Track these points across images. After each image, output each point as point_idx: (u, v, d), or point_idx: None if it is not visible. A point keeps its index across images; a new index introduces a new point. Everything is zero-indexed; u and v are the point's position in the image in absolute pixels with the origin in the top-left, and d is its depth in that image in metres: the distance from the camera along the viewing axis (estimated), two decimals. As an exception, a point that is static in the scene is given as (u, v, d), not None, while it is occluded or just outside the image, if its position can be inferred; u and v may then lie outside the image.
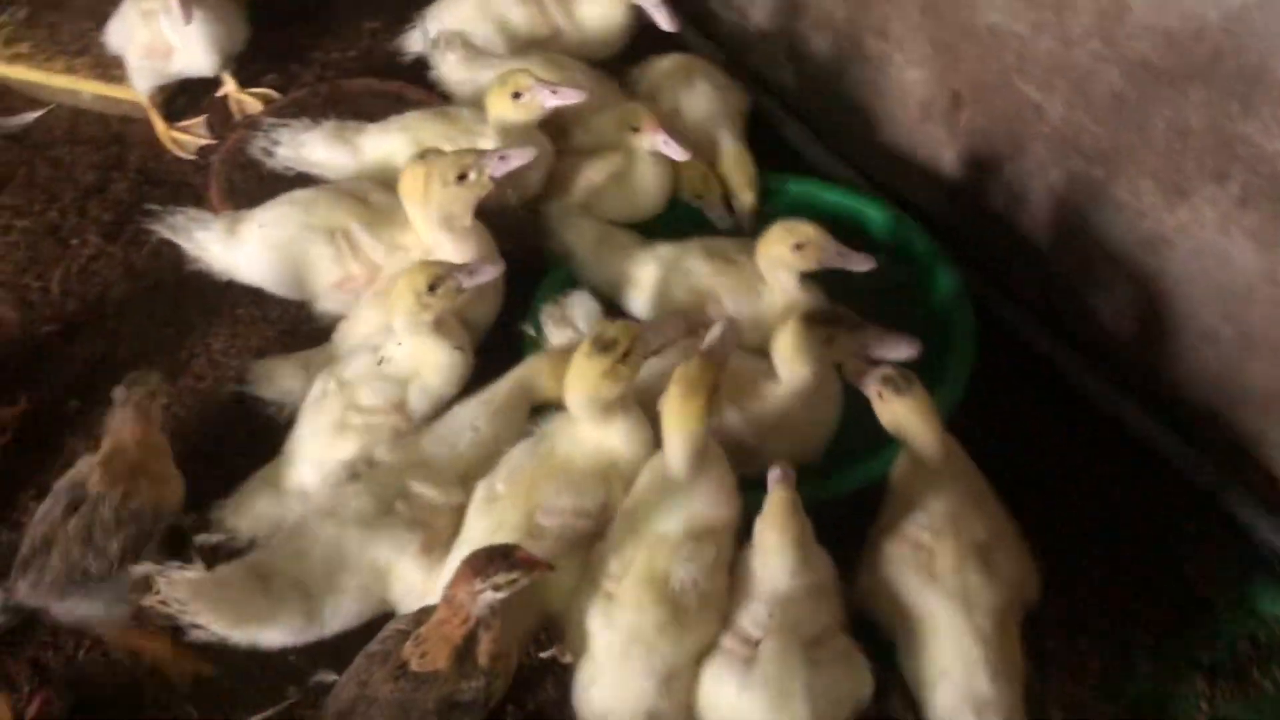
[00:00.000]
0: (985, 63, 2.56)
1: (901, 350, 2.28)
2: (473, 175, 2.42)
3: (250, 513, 2.38)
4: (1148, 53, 2.17)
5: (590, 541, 2.13)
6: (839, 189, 2.89)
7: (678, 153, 2.68)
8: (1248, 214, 2.17)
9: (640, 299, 2.67)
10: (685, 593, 1.99)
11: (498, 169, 2.44)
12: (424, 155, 2.47)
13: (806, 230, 2.44)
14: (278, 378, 2.62)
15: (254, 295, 2.88)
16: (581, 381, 2.13)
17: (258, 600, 2.06)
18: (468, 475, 2.24)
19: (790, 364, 2.30)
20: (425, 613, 1.93)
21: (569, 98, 2.64)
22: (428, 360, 2.40)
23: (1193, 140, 2.20)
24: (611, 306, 2.68)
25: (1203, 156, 2.19)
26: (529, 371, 2.37)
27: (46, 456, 2.72)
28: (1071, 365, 2.68)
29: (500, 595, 1.83)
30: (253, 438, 2.59)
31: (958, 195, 2.87)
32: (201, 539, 2.36)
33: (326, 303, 2.71)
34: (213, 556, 2.42)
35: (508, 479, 2.18)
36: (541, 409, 2.35)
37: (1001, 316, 2.78)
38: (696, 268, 2.62)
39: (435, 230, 2.47)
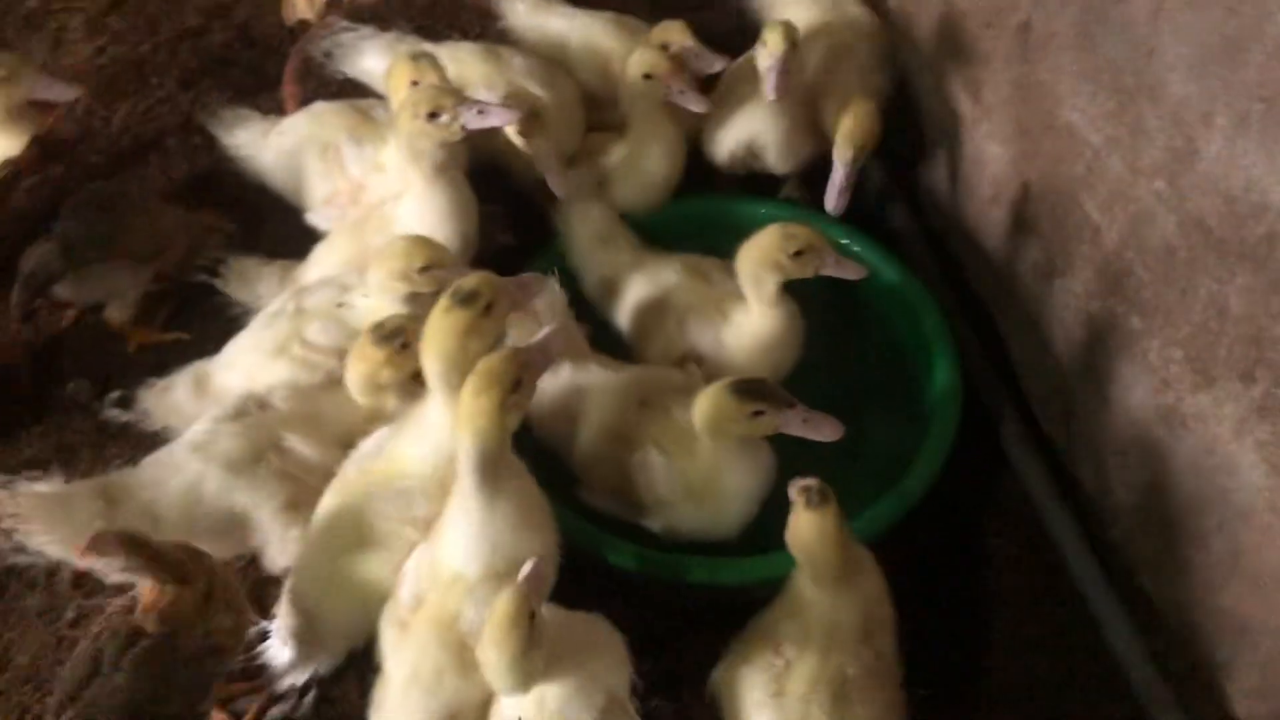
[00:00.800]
0: (1058, 163, 2.26)
1: (828, 434, 2.07)
2: (445, 118, 2.26)
3: (168, 401, 2.38)
4: (1206, 212, 1.86)
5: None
6: (866, 240, 2.64)
7: (696, 103, 2.48)
8: (1263, 426, 1.85)
9: (620, 310, 2.54)
10: (474, 638, 1.86)
11: (472, 121, 2.27)
12: (416, 58, 2.35)
13: (808, 236, 2.24)
14: (252, 280, 2.60)
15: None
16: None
17: (99, 525, 1.99)
18: (347, 441, 2.16)
19: (707, 435, 2.13)
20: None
21: (499, 119, 2.32)
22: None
23: (1229, 325, 1.88)
24: (580, 304, 2.54)
25: (1234, 347, 1.88)
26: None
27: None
28: (1051, 508, 2.40)
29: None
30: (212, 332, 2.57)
31: (1000, 287, 2.58)
32: (115, 413, 2.38)
33: (316, 218, 2.67)
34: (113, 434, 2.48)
35: (359, 463, 2.11)
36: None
37: (997, 431, 2.51)
38: (671, 282, 2.47)
39: (404, 161, 2.37)
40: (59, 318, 2.75)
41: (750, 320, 2.34)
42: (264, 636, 2.05)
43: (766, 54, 2.45)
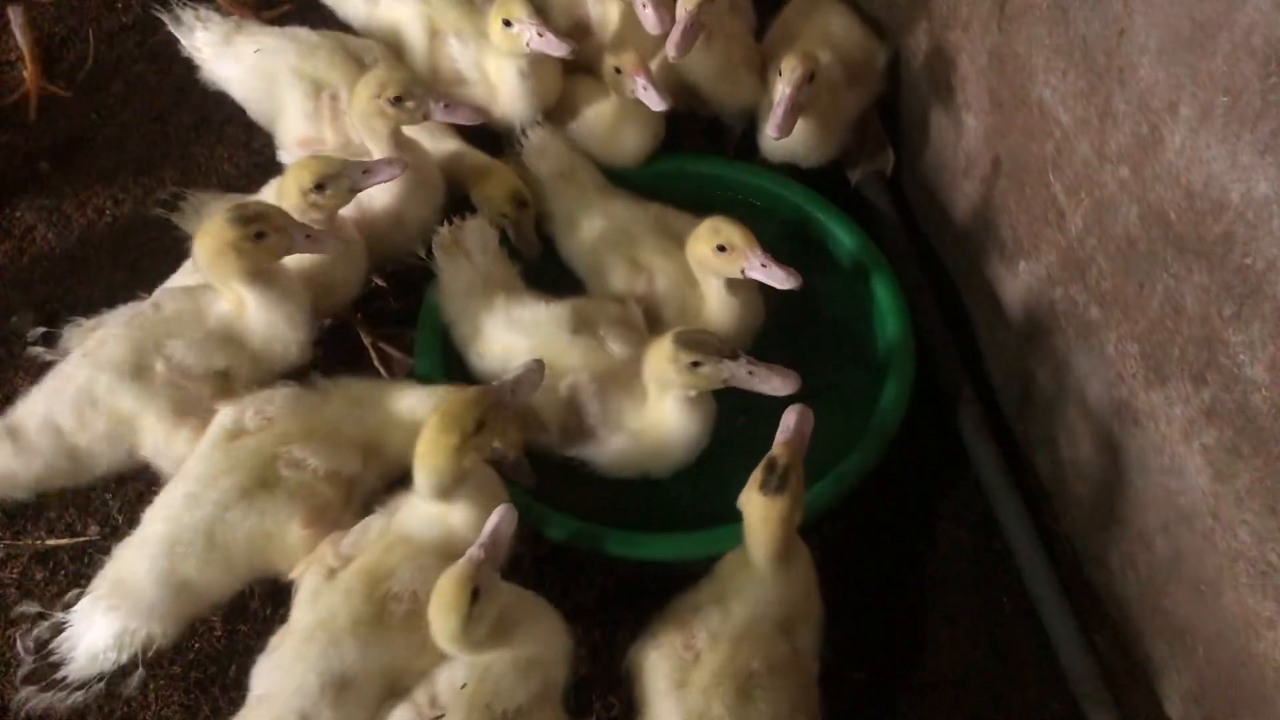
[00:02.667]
0: (1029, 140, 2.16)
1: (777, 387, 2.01)
2: (410, 104, 2.25)
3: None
4: (1166, 205, 1.77)
5: (335, 509, 2.00)
6: (821, 202, 2.57)
7: (656, 101, 2.40)
8: (1210, 431, 1.78)
9: (575, 248, 2.47)
10: (398, 601, 1.84)
11: (440, 113, 2.28)
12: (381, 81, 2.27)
13: (732, 234, 2.16)
14: (205, 215, 2.53)
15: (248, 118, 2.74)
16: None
17: (6, 449, 2.04)
18: (235, 343, 2.14)
19: (654, 385, 2.08)
20: None
21: (552, 49, 2.38)
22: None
23: (1183, 325, 1.80)
24: (548, 242, 2.51)
25: (1187, 347, 1.80)
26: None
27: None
28: (1003, 495, 2.34)
29: None
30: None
31: (967, 263, 2.50)
32: (39, 351, 2.31)
33: (286, 155, 2.59)
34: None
35: (260, 411, 2.06)
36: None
37: (954, 411, 2.44)
38: (641, 237, 2.39)
39: (362, 133, 2.31)
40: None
41: (707, 301, 2.29)
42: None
43: (780, 84, 2.38)
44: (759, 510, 1.87)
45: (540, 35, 2.36)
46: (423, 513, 1.92)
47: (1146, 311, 1.88)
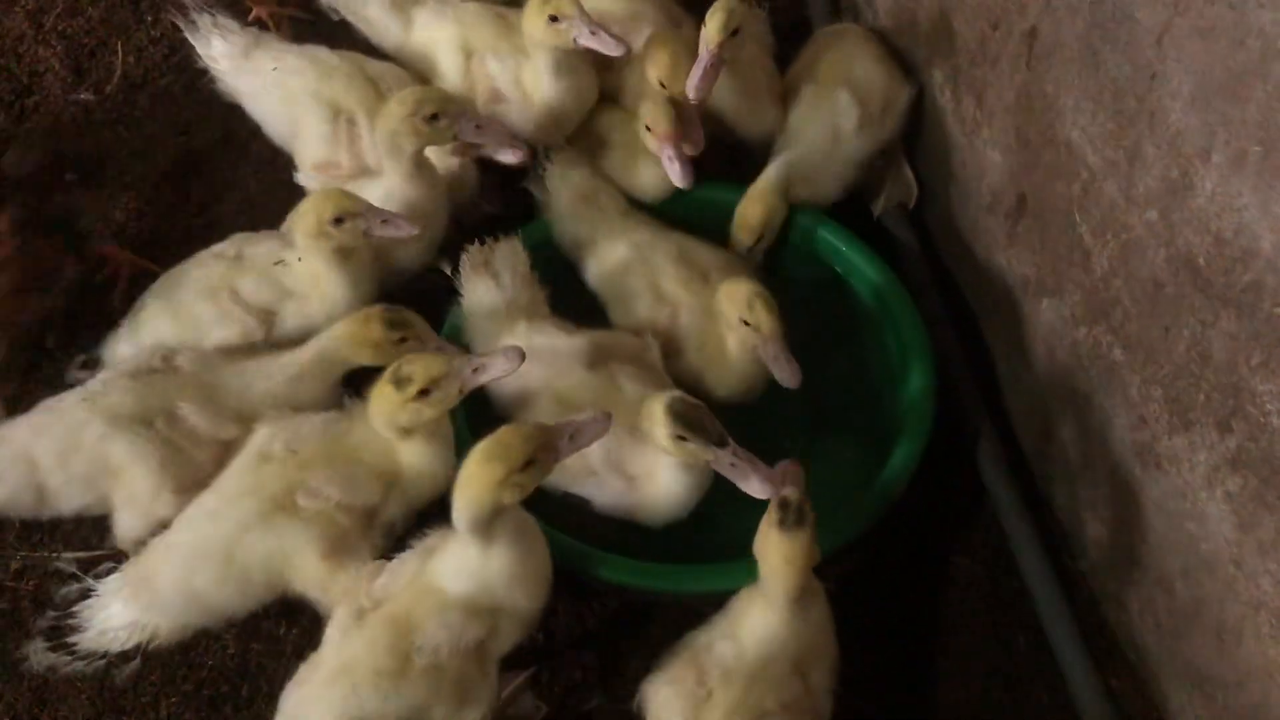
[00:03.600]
0: (1055, 179, 2.16)
1: (754, 488, 1.96)
2: (444, 123, 2.26)
3: (114, 347, 2.36)
4: (1195, 251, 1.76)
5: (353, 539, 2.00)
6: (851, 239, 2.56)
7: (679, 177, 2.42)
8: (1234, 479, 1.77)
9: (597, 275, 2.46)
10: (421, 654, 1.84)
11: (468, 133, 2.29)
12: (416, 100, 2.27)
13: (761, 317, 2.15)
14: None
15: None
16: (378, 404, 2.01)
17: None
18: (248, 419, 2.13)
19: (650, 437, 2.05)
20: None
21: (605, 47, 2.35)
22: (318, 286, 2.27)
23: (1209, 372, 1.79)
24: (570, 268, 2.50)
25: (1213, 394, 1.79)
26: (332, 341, 2.18)
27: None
28: (1020, 532, 2.33)
29: None
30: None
31: (989, 299, 2.50)
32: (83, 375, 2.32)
33: (303, 177, 2.60)
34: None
35: (289, 443, 2.06)
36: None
37: (973, 446, 2.43)
38: (664, 268, 2.38)
39: (382, 150, 2.31)
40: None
41: (730, 349, 2.27)
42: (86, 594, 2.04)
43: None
44: (781, 549, 1.84)
45: (593, 33, 2.33)
46: (458, 562, 1.89)
47: (1172, 356, 1.88)
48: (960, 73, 2.48)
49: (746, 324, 2.16)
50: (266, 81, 2.60)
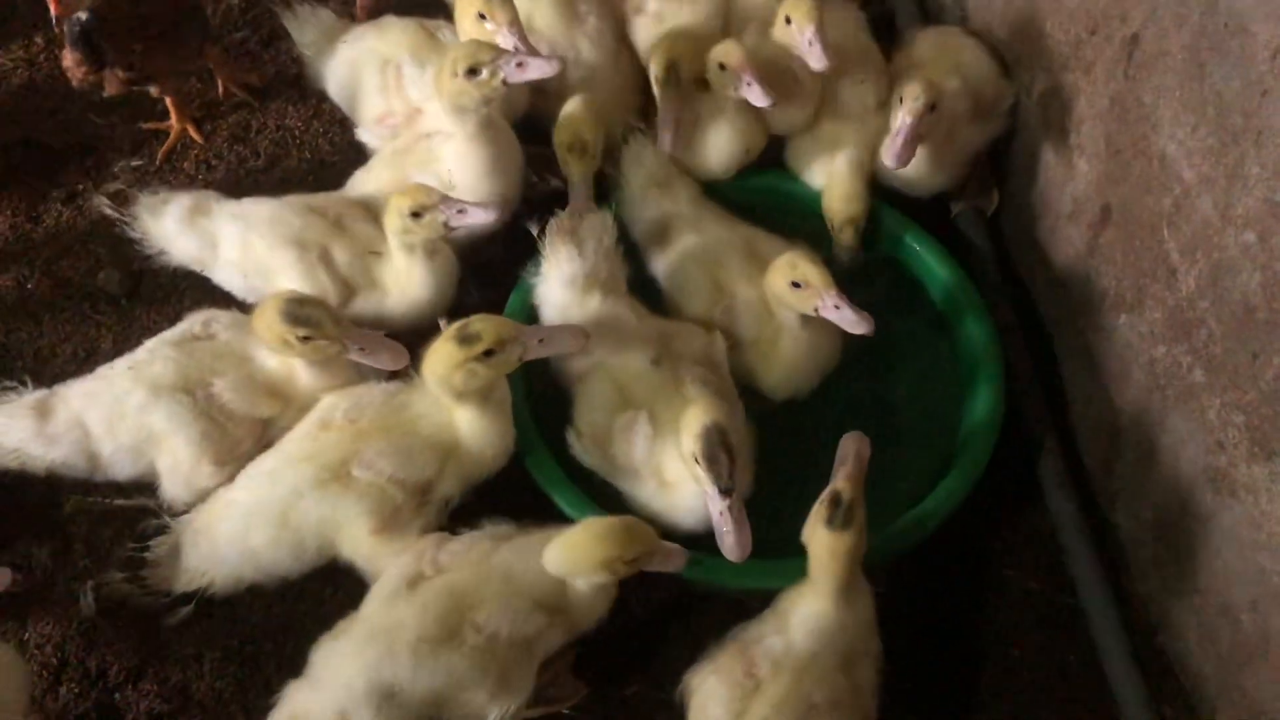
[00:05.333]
0: (1145, 192, 2.10)
1: (728, 546, 1.93)
2: (484, 73, 2.19)
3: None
4: (1294, 277, 1.71)
5: (406, 514, 2.00)
6: (936, 250, 2.50)
7: (760, 97, 2.33)
8: (1317, 515, 1.72)
9: (660, 261, 2.43)
10: (475, 631, 1.84)
11: (513, 74, 2.19)
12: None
13: (808, 271, 2.11)
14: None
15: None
16: (437, 363, 1.98)
17: (30, 425, 2.11)
18: (283, 394, 2.15)
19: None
20: None
21: (535, 71, 2.23)
22: (399, 282, 2.29)
23: (1299, 401, 1.74)
24: (631, 249, 2.45)
25: (1300, 425, 1.74)
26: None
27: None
28: (1077, 549, 2.27)
29: None
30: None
31: (1063, 310, 2.44)
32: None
33: (366, 135, 2.60)
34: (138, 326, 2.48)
35: (349, 413, 2.06)
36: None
37: (1035, 458, 2.38)
38: (728, 260, 2.35)
39: (449, 116, 2.28)
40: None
41: (782, 335, 2.24)
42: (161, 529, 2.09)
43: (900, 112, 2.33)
44: (826, 545, 1.85)
45: (520, 65, 2.23)
46: (543, 571, 1.90)
47: (1258, 383, 1.82)
48: (1050, 77, 2.42)
49: (798, 285, 2.12)
50: (337, 58, 2.63)
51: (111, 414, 2.10)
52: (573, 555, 1.86)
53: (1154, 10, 2.01)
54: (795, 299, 2.14)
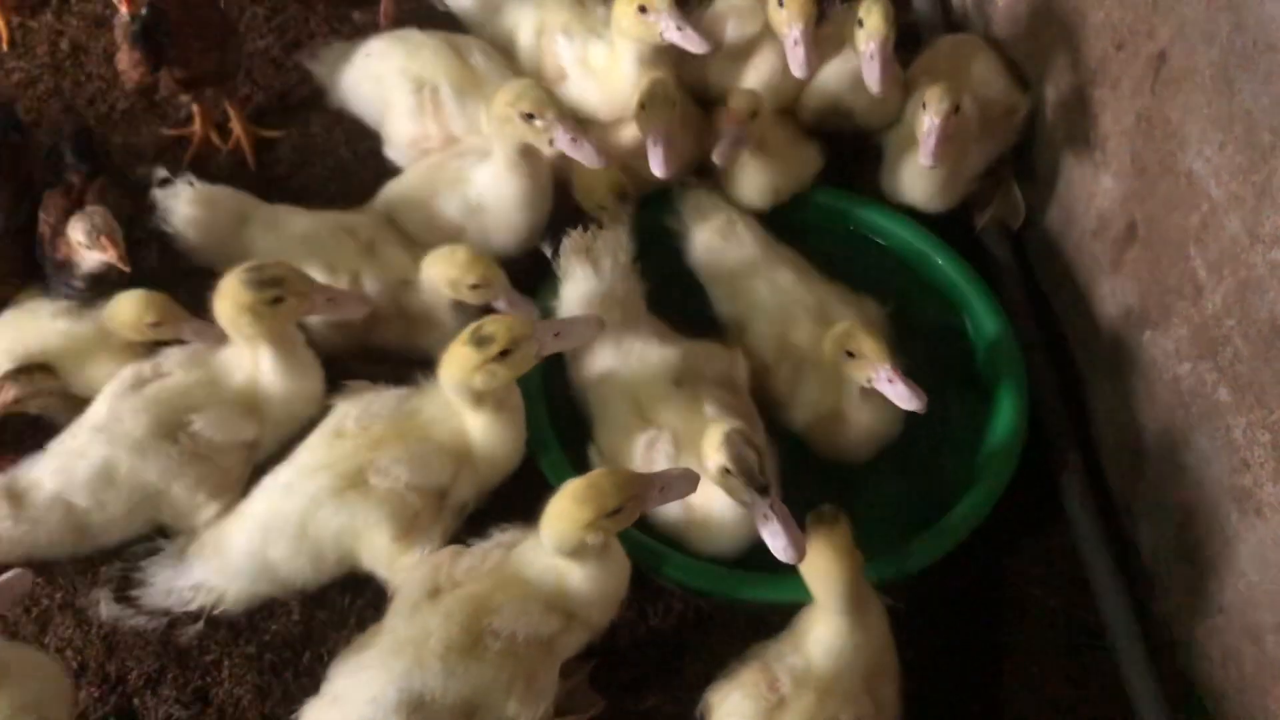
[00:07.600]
0: (1171, 210, 2.09)
1: (779, 549, 1.87)
2: (539, 123, 2.20)
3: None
4: (1324, 297, 1.70)
5: (425, 519, 1.99)
6: (964, 267, 2.49)
7: (697, 43, 2.30)
8: (1345, 537, 1.71)
9: (726, 305, 2.41)
10: (495, 637, 1.82)
11: (562, 143, 2.20)
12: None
13: (864, 343, 2.10)
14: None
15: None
16: (452, 366, 1.97)
17: (6, 527, 2.02)
18: (257, 414, 2.13)
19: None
20: None
21: (690, 44, 2.29)
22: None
23: (1327, 422, 1.72)
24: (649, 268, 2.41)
25: (1328, 446, 1.73)
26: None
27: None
28: (1099, 568, 2.26)
29: None
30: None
31: (1087, 326, 2.43)
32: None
33: (394, 152, 2.59)
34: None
35: (360, 420, 2.05)
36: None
37: (1057, 475, 2.36)
38: (799, 321, 2.30)
39: (491, 131, 2.30)
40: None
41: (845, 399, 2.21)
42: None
43: (925, 116, 2.31)
44: (822, 552, 1.84)
45: (679, 29, 2.29)
46: (544, 561, 1.89)
47: (1286, 403, 1.81)
48: (1076, 92, 2.41)
49: (851, 355, 2.10)
50: (359, 71, 2.64)
51: (95, 484, 2.04)
52: (556, 529, 1.82)
53: (1182, 27, 2.00)
54: (850, 369, 2.12)
